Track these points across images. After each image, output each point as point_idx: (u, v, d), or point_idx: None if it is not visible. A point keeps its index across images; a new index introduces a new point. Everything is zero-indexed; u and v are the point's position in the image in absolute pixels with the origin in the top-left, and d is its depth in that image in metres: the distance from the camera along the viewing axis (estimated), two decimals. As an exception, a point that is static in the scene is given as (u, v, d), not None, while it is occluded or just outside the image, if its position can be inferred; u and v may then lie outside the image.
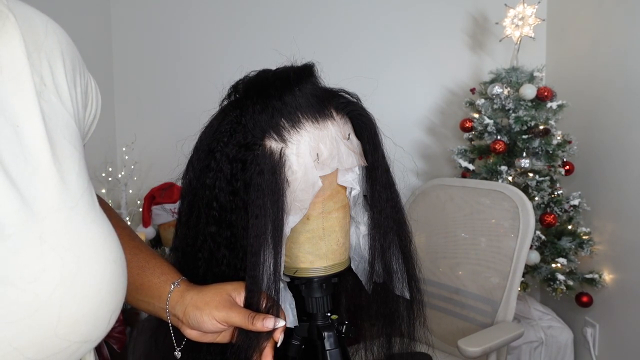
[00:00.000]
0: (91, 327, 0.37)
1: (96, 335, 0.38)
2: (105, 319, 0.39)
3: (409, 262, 0.63)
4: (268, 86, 0.56)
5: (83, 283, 0.36)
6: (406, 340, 0.66)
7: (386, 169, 0.61)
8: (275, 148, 0.54)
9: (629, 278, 1.61)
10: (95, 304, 0.37)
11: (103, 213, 0.41)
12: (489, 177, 1.71)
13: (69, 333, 0.35)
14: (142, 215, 1.88)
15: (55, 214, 0.35)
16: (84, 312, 0.36)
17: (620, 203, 1.64)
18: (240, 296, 0.56)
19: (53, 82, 0.39)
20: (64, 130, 0.39)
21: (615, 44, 1.65)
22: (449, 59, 2.10)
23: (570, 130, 1.80)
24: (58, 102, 0.39)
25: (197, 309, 0.55)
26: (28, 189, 0.34)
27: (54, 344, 0.35)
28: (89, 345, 0.38)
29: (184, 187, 0.60)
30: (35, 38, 0.39)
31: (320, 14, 2.10)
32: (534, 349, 1.73)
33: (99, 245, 0.38)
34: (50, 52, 0.40)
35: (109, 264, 0.38)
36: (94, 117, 0.49)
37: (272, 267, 0.55)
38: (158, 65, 2.11)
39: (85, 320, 0.36)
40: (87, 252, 0.37)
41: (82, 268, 0.36)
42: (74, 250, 0.36)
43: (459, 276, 1.48)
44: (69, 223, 0.36)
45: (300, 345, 0.65)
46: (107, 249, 0.39)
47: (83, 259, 0.36)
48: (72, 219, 0.36)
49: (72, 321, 0.35)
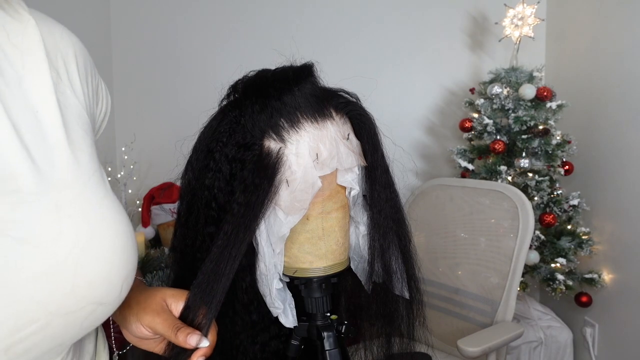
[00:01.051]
0: (105, 290, 0.41)
1: (109, 298, 0.42)
2: (117, 285, 0.42)
3: (408, 262, 0.63)
4: (267, 86, 0.56)
5: (96, 249, 0.40)
6: (406, 340, 0.66)
7: (385, 168, 0.61)
8: (274, 148, 0.54)
9: (629, 278, 1.61)
10: (107, 269, 0.41)
11: (114, 194, 0.45)
12: (489, 177, 1.71)
13: (85, 293, 0.39)
14: (141, 215, 1.88)
15: (70, 187, 0.40)
16: (98, 275, 0.40)
17: (620, 203, 1.64)
18: (177, 304, 0.52)
19: (68, 77, 0.45)
20: (77, 118, 0.44)
21: (614, 44, 1.65)
22: (449, 58, 2.10)
23: (569, 130, 1.80)
24: (72, 94, 0.45)
25: (128, 307, 0.52)
26: (46, 164, 0.39)
27: (72, 301, 0.39)
28: (104, 308, 0.42)
29: (183, 187, 0.60)
30: (53, 40, 0.45)
31: (319, 14, 2.10)
32: (533, 349, 1.73)
33: (109, 219, 0.42)
34: (65, 52, 0.46)
35: (119, 235, 0.42)
36: (104, 115, 0.53)
37: (223, 284, 0.51)
38: (157, 65, 2.11)
39: (99, 282, 0.40)
40: (99, 223, 0.41)
41: (95, 236, 0.40)
42: (88, 219, 0.40)
43: (459, 276, 1.48)
44: (82, 196, 0.41)
45: (300, 346, 0.65)
46: (118, 222, 0.43)
47: (96, 227, 0.40)
48: (85, 192, 0.41)
49: (87, 282, 0.39)
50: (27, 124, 0.39)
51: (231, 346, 0.62)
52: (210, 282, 0.51)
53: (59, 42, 0.45)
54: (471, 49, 2.08)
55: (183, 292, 0.53)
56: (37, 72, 0.41)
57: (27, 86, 0.40)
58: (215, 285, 0.51)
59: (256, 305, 0.62)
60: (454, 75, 2.10)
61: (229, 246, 0.51)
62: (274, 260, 0.58)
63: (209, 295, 0.51)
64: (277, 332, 0.67)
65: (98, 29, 2.04)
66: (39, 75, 0.41)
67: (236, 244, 0.52)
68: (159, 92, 2.12)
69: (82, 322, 0.40)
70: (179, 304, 0.52)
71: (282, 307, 0.60)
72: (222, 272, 0.51)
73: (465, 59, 2.09)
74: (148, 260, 1.57)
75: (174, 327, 0.49)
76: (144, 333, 0.51)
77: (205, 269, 0.52)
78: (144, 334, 0.51)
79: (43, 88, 0.41)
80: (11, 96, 0.39)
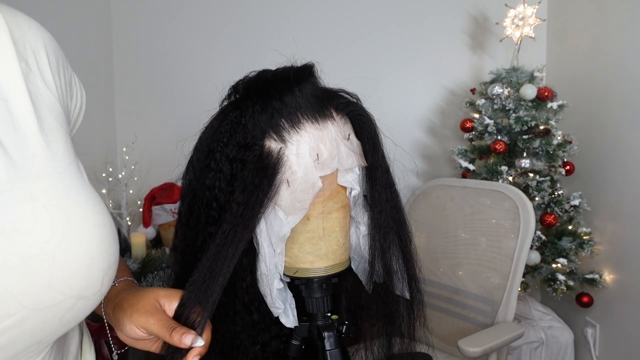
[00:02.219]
0: (84, 284, 0.39)
1: (90, 292, 0.40)
2: (98, 278, 0.41)
3: (409, 262, 0.63)
4: (268, 86, 0.56)
5: (74, 240, 0.38)
6: (406, 340, 0.66)
7: (386, 169, 0.61)
8: (274, 148, 0.54)
9: (630, 278, 1.61)
10: (87, 261, 0.39)
11: (92, 187, 0.44)
12: (490, 177, 1.71)
13: (63, 286, 0.38)
14: (142, 215, 1.88)
15: (44, 178, 0.39)
16: (76, 267, 0.39)
17: (621, 203, 1.64)
18: (170, 304, 0.52)
19: (38, 68, 0.43)
20: (49, 109, 0.43)
21: (615, 44, 1.65)
22: (449, 59, 2.10)
23: (570, 130, 1.80)
24: (43, 85, 0.43)
25: (121, 309, 0.51)
26: (18, 154, 0.38)
27: (49, 295, 0.37)
28: (84, 302, 0.40)
29: (184, 188, 0.60)
30: (20, 31, 0.43)
31: (320, 14, 2.10)
32: (534, 349, 1.73)
33: (88, 209, 0.41)
34: (33, 43, 0.44)
35: (98, 226, 0.41)
36: (79, 110, 0.52)
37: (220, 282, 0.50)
38: (158, 65, 2.11)
39: (78, 275, 0.39)
40: (76, 213, 0.40)
41: (73, 226, 0.39)
42: (64, 209, 0.39)
43: (459, 276, 1.48)
44: (57, 186, 0.39)
45: (300, 346, 0.65)
46: (97, 213, 0.42)
47: (73, 218, 0.39)
48: (60, 183, 0.40)
49: (64, 275, 0.38)
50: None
51: (232, 346, 0.62)
52: (206, 280, 0.51)
53: (27, 34, 0.43)
54: (472, 49, 2.08)
55: (176, 292, 0.53)
56: (5, 62, 0.40)
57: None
58: (211, 284, 0.51)
59: (257, 305, 0.62)
60: (454, 76, 2.10)
61: (227, 245, 0.52)
62: (275, 260, 0.58)
63: (204, 294, 0.50)
64: (277, 332, 0.67)
65: (99, 30, 2.04)
66: (7, 66, 0.40)
67: (234, 243, 0.52)
68: (160, 92, 2.13)
69: (61, 318, 0.39)
70: (173, 304, 0.52)
71: (282, 307, 0.61)
72: (219, 270, 0.51)
73: (466, 59, 2.09)
74: (149, 260, 1.58)
75: (169, 327, 0.49)
76: (138, 334, 0.51)
77: (202, 267, 0.52)
78: (138, 335, 0.51)
79: (12, 78, 0.40)
80: None
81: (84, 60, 1.89)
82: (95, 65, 2.00)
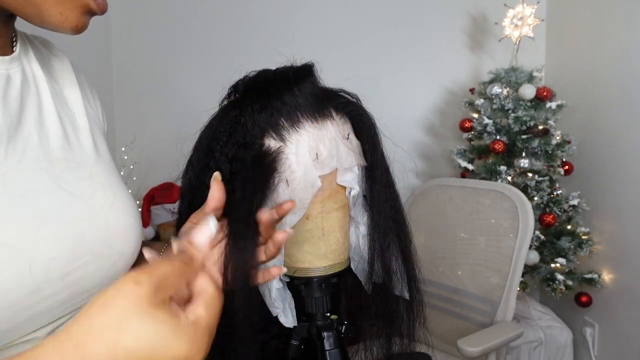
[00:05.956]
0: (124, 243, 0.52)
1: (127, 251, 0.53)
2: (132, 242, 0.54)
3: (408, 262, 0.63)
4: (268, 86, 0.56)
5: (118, 209, 0.52)
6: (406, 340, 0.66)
7: (386, 168, 0.61)
8: (273, 147, 0.54)
9: (629, 278, 1.61)
10: (125, 227, 0.53)
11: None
12: (489, 177, 1.71)
13: (112, 242, 0.51)
14: (141, 215, 1.88)
15: (95, 167, 0.53)
16: (120, 228, 0.52)
17: (620, 203, 1.64)
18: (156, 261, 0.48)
19: (90, 95, 0.62)
20: (95, 121, 0.59)
21: (614, 44, 1.65)
22: (449, 59, 2.10)
23: (569, 130, 1.80)
24: (93, 108, 0.61)
25: None
26: (79, 147, 0.53)
27: (103, 248, 0.50)
28: (123, 259, 0.52)
29: (183, 187, 0.60)
30: (76, 70, 0.60)
31: (320, 14, 2.10)
32: (533, 349, 1.73)
33: (124, 191, 0.56)
34: (82, 78, 0.61)
35: (131, 205, 0.56)
36: (104, 120, 0.66)
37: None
38: (158, 65, 2.11)
39: (121, 235, 0.52)
40: (119, 193, 0.54)
41: (117, 200, 0.53)
42: (111, 187, 0.54)
43: (459, 276, 1.48)
44: (104, 171, 0.54)
45: (300, 346, 0.65)
46: (129, 198, 0.56)
47: (117, 196, 0.53)
48: (105, 170, 0.55)
49: (113, 233, 0.51)
50: (68, 119, 0.54)
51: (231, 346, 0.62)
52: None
53: (80, 73, 0.61)
54: (471, 49, 2.08)
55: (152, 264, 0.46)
56: (73, 87, 0.57)
57: (66, 94, 0.56)
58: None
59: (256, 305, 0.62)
60: (453, 76, 2.10)
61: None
62: (274, 259, 0.58)
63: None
64: (277, 332, 0.67)
65: (98, 29, 2.04)
66: (71, 88, 0.57)
67: None
68: (159, 92, 2.12)
69: (107, 271, 0.50)
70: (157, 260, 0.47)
71: (281, 306, 0.61)
72: None
73: (465, 59, 2.09)
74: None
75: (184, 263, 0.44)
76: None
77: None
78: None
79: (76, 97, 0.57)
80: (58, 100, 0.54)
81: (82, 60, 1.88)
82: (94, 64, 2.00)
